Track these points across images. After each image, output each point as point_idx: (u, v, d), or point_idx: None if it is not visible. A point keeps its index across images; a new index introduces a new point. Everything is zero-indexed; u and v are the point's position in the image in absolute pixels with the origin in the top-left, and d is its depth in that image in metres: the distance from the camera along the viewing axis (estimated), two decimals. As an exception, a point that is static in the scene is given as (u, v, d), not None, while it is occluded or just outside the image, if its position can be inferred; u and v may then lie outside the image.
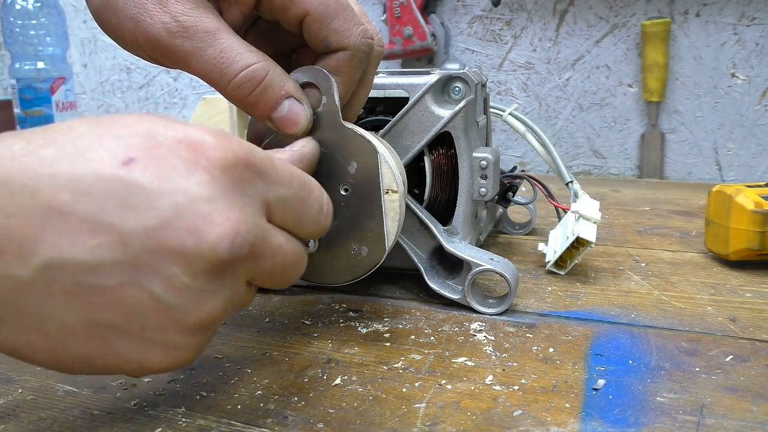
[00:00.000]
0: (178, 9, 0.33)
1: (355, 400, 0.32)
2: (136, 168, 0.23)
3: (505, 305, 0.43)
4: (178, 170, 0.24)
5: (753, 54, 0.90)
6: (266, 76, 0.34)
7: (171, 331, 0.24)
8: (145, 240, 0.23)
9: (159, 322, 0.24)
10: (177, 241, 0.23)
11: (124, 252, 0.22)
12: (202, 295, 0.24)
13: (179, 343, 0.25)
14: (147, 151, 0.24)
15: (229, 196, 0.25)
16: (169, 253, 0.23)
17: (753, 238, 0.49)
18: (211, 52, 0.33)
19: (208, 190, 0.24)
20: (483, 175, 0.45)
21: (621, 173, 1.00)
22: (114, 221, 0.22)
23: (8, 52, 0.93)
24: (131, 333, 0.24)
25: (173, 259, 0.23)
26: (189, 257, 0.23)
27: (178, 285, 0.23)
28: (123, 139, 0.24)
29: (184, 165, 0.24)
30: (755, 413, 0.31)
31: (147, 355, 0.24)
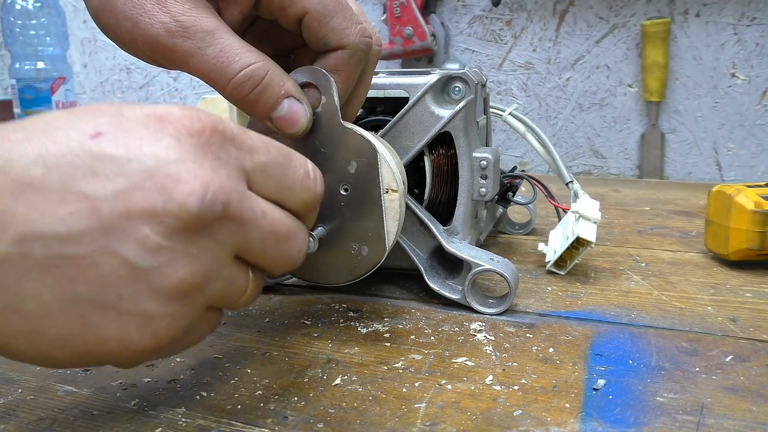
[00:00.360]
0: (177, 9, 0.33)
1: (355, 400, 0.32)
2: (103, 140, 0.23)
3: (505, 305, 0.43)
4: (146, 139, 0.24)
5: (753, 54, 0.90)
6: (266, 75, 0.34)
7: (147, 298, 0.24)
8: (114, 204, 0.23)
9: (134, 290, 0.23)
10: (146, 201, 0.23)
11: (94, 218, 0.23)
12: (175, 255, 0.24)
13: (156, 311, 0.24)
14: (114, 126, 0.24)
15: (198, 158, 0.25)
16: (139, 214, 0.23)
17: (753, 238, 0.49)
18: (211, 51, 0.33)
19: (175, 153, 0.24)
20: (483, 175, 0.45)
21: (621, 173, 1.00)
22: (83, 189, 0.23)
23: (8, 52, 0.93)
24: (108, 306, 0.23)
25: (143, 220, 0.23)
26: (159, 216, 0.23)
27: (150, 246, 0.23)
28: (91, 119, 0.24)
29: (151, 134, 0.24)
30: (755, 413, 0.31)
31: (126, 331, 0.24)
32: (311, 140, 0.38)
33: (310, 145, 0.38)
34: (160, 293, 0.24)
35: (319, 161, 0.38)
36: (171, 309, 0.24)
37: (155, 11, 0.32)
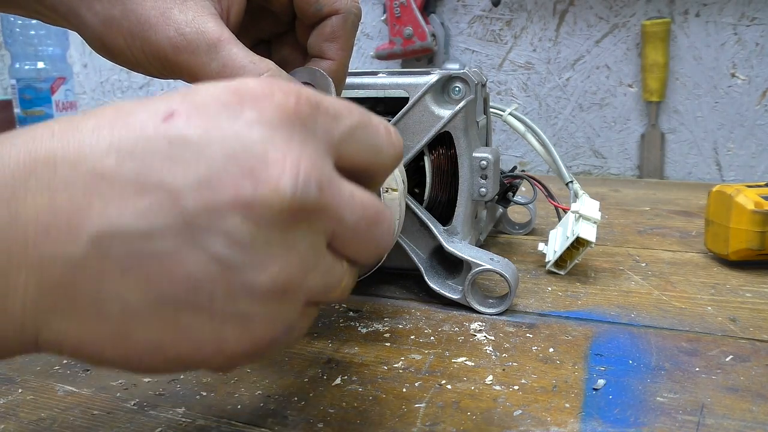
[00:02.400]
0: (181, 19, 0.32)
1: (355, 400, 0.32)
2: (178, 120, 0.21)
3: (505, 305, 0.43)
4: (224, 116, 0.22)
5: (753, 54, 0.90)
6: None
7: (242, 298, 0.21)
8: (197, 194, 0.20)
9: (227, 289, 0.21)
10: (233, 188, 0.20)
11: (176, 210, 0.20)
12: (270, 247, 0.21)
13: (254, 313, 0.21)
14: (188, 104, 0.22)
15: (285, 134, 0.22)
16: (226, 203, 0.20)
17: (753, 238, 0.49)
18: (215, 66, 0.32)
19: (258, 130, 0.21)
20: (483, 175, 0.45)
21: (621, 173, 1.00)
22: (162, 178, 0.20)
23: (8, 52, 0.93)
24: (199, 306, 0.21)
25: (231, 209, 0.20)
26: (248, 204, 0.20)
27: (240, 238, 0.20)
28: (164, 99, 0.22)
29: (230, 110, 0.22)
30: (755, 413, 0.31)
31: (222, 334, 0.21)
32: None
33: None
34: (256, 291, 0.21)
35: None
36: (269, 309, 0.22)
37: (161, 25, 0.32)
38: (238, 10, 0.35)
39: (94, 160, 0.20)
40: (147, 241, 0.20)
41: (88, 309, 0.20)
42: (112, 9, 0.32)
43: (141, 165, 0.20)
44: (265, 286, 0.21)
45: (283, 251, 0.21)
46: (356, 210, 0.24)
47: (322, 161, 0.23)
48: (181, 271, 0.20)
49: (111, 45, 0.34)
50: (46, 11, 0.35)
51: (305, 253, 0.22)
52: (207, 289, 0.21)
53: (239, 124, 0.21)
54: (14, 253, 0.19)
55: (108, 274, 0.20)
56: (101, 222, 0.20)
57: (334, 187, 0.23)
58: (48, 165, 0.20)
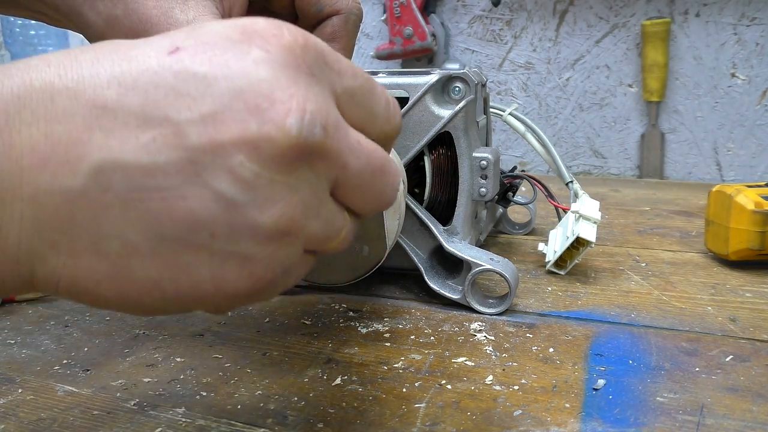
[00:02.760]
0: (182, 19, 0.32)
1: (355, 400, 0.32)
2: (184, 55, 0.21)
3: (505, 305, 0.43)
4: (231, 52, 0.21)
5: (753, 54, 0.90)
6: None
7: (243, 237, 0.21)
8: (202, 129, 0.20)
9: (229, 227, 0.21)
10: (238, 124, 0.20)
11: (180, 145, 0.20)
12: (274, 187, 0.21)
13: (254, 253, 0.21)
14: (194, 39, 0.21)
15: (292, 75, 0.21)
16: (231, 140, 0.20)
17: (753, 238, 0.49)
18: None
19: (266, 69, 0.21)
20: (483, 175, 0.45)
21: (621, 173, 1.00)
22: (166, 112, 0.20)
23: (8, 52, 0.93)
24: (200, 244, 0.21)
25: (236, 146, 0.20)
26: (254, 141, 0.20)
27: (244, 175, 0.20)
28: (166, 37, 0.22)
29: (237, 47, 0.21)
30: (755, 413, 0.31)
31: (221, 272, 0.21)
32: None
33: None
34: (258, 231, 0.21)
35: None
36: (270, 249, 0.22)
37: (162, 24, 0.32)
38: (239, 11, 0.35)
39: (94, 91, 0.20)
40: (149, 175, 0.20)
41: (86, 244, 0.20)
42: (115, 8, 0.32)
43: (144, 97, 0.20)
44: (266, 226, 0.21)
45: (285, 192, 0.21)
46: (362, 156, 0.23)
47: (328, 104, 0.22)
48: (182, 207, 0.20)
49: None
50: (49, 11, 0.35)
51: (308, 197, 0.22)
52: (208, 227, 0.20)
53: (246, 62, 0.21)
54: (8, 185, 0.19)
55: (108, 208, 0.20)
56: (102, 154, 0.19)
57: (340, 130, 0.22)
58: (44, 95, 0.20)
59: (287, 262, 0.23)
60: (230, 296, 0.22)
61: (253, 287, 0.22)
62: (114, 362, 0.37)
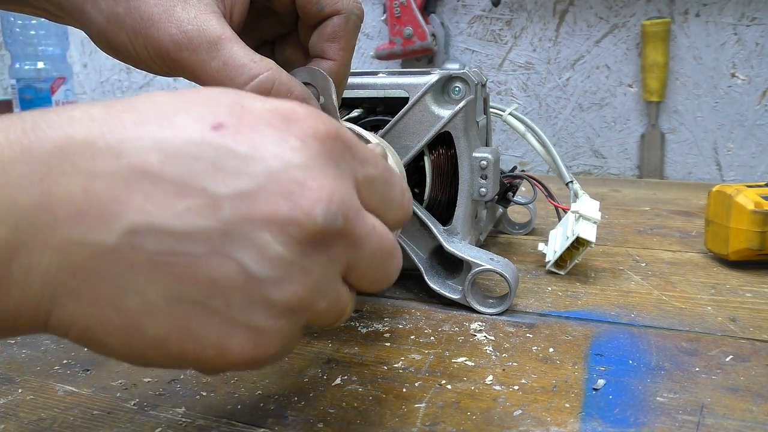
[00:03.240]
0: (183, 17, 0.32)
1: (355, 400, 0.32)
2: (226, 133, 0.22)
3: (505, 305, 0.43)
4: (270, 137, 0.23)
5: (753, 54, 0.90)
6: (272, 87, 0.33)
7: (257, 309, 0.22)
8: (236, 204, 0.21)
9: (245, 298, 0.22)
10: (270, 205, 0.21)
11: (214, 217, 0.21)
12: (293, 268, 0.22)
13: (264, 325, 0.22)
14: (236, 119, 0.23)
15: (322, 166, 0.23)
16: (262, 218, 0.21)
17: (753, 238, 0.49)
18: (215, 64, 0.32)
19: (301, 157, 0.22)
20: (483, 175, 0.45)
21: (621, 173, 1.00)
22: (204, 184, 0.21)
23: (8, 52, 0.93)
24: (214, 310, 0.22)
25: (266, 225, 0.21)
26: (282, 223, 0.21)
27: (269, 254, 0.21)
28: (210, 107, 0.23)
29: (276, 132, 0.23)
30: (755, 413, 0.31)
31: (228, 339, 0.22)
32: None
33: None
34: (272, 306, 0.22)
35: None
36: (278, 324, 0.23)
37: (163, 22, 0.32)
38: (241, 9, 0.35)
39: (137, 154, 0.21)
40: (181, 240, 0.21)
41: (106, 297, 0.21)
42: (116, 6, 0.33)
43: (185, 167, 0.21)
44: (279, 303, 0.22)
45: (302, 273, 0.22)
46: (374, 242, 0.25)
47: (350, 195, 0.24)
48: (206, 274, 0.21)
49: (115, 42, 0.34)
50: (52, 8, 0.35)
51: (320, 279, 0.23)
52: (226, 296, 0.22)
53: (284, 148, 0.22)
54: (41, 233, 0.20)
55: (135, 267, 0.20)
56: (139, 216, 0.20)
57: (359, 218, 0.24)
58: (87, 150, 0.20)
59: (288, 337, 0.24)
60: (229, 362, 0.23)
61: (252, 357, 0.23)
62: (114, 362, 0.37)
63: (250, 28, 0.38)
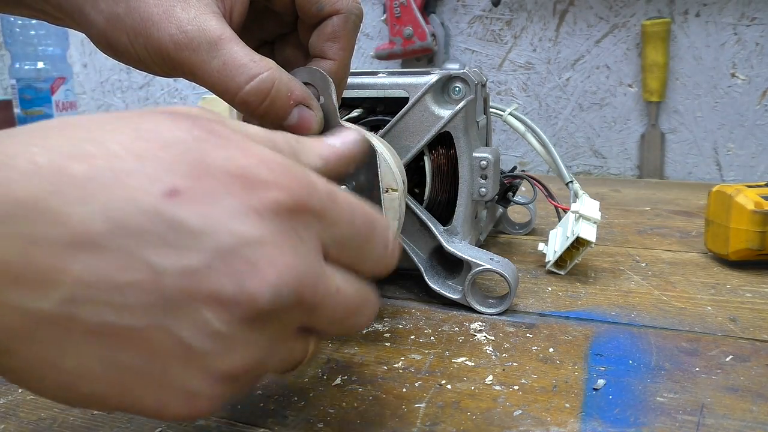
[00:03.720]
0: (183, 17, 0.32)
1: (355, 400, 0.32)
2: (180, 202, 0.21)
3: (505, 305, 0.43)
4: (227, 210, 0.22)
5: (753, 54, 0.90)
6: (272, 87, 0.33)
7: (195, 377, 0.22)
8: (180, 281, 0.21)
9: (183, 368, 0.22)
10: (215, 286, 0.21)
11: (156, 293, 0.21)
12: (234, 343, 0.22)
13: (202, 391, 0.22)
14: (194, 182, 0.21)
15: (280, 241, 0.22)
16: (205, 297, 0.21)
17: (753, 238, 0.49)
18: (215, 64, 0.32)
19: (257, 234, 0.22)
20: (483, 175, 0.45)
21: (621, 173, 1.00)
22: (149, 259, 0.20)
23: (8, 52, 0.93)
24: (151, 376, 0.22)
25: (208, 305, 0.21)
26: (225, 304, 0.21)
27: (208, 331, 0.21)
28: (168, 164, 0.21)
29: (234, 204, 0.22)
30: (755, 413, 0.31)
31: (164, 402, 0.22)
32: (311, 140, 0.38)
33: (310, 145, 0.38)
34: (210, 375, 0.22)
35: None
36: (218, 390, 0.23)
37: (163, 22, 0.32)
38: (241, 9, 0.35)
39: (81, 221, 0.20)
40: (119, 314, 0.20)
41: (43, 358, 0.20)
42: (116, 7, 0.33)
43: (131, 240, 0.20)
44: (219, 373, 0.22)
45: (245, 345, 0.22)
46: (337, 306, 0.25)
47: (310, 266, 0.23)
48: (145, 345, 0.21)
49: (115, 43, 0.34)
50: (52, 10, 0.35)
51: (267, 346, 0.23)
52: (164, 364, 0.21)
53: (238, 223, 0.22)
54: None
55: (72, 335, 0.20)
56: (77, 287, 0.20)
57: (318, 288, 0.24)
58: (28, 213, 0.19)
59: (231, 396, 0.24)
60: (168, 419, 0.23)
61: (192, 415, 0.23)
62: (114, 362, 0.37)
63: (250, 29, 0.38)
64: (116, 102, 1.33)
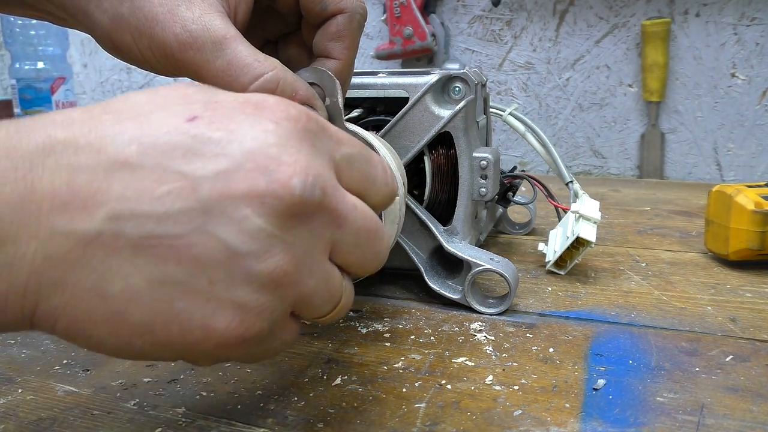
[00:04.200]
0: (188, 16, 0.32)
1: (355, 400, 0.32)
2: (201, 123, 0.23)
3: (505, 305, 0.43)
4: (244, 122, 0.24)
5: (753, 54, 0.90)
6: (277, 87, 0.33)
7: (240, 284, 0.23)
8: (214, 184, 0.22)
9: (228, 274, 0.22)
10: (248, 182, 0.22)
11: (193, 197, 0.22)
12: (274, 240, 0.23)
13: (248, 300, 0.23)
14: (210, 110, 0.24)
15: (297, 144, 0.24)
16: (241, 194, 0.22)
17: (753, 238, 0.49)
18: (219, 64, 0.32)
19: (275, 137, 0.23)
20: (483, 175, 0.45)
21: (621, 173, 1.00)
22: (182, 169, 0.22)
23: (8, 52, 0.93)
24: (197, 289, 0.22)
25: (244, 201, 0.22)
26: (261, 197, 0.22)
27: (248, 228, 0.22)
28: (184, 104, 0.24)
29: (250, 118, 0.24)
30: (755, 413, 0.31)
31: (213, 318, 0.23)
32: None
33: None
34: (254, 280, 0.23)
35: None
36: (262, 298, 0.23)
37: (167, 21, 0.32)
38: (245, 9, 0.35)
39: (116, 148, 0.22)
40: (161, 223, 0.21)
41: (90, 285, 0.21)
42: (121, 6, 0.33)
43: (163, 156, 0.22)
44: (262, 275, 0.23)
45: (284, 245, 0.23)
46: (358, 219, 0.26)
47: (327, 171, 0.25)
48: (188, 253, 0.22)
49: (119, 42, 0.34)
50: (56, 10, 0.35)
51: (302, 254, 0.24)
52: (209, 272, 0.22)
53: (257, 130, 0.23)
54: (26, 225, 0.20)
55: (118, 252, 0.21)
56: (119, 203, 0.21)
57: (338, 194, 0.25)
58: (68, 148, 0.21)
59: (275, 316, 0.24)
60: (217, 344, 0.23)
61: (240, 335, 0.23)
62: (114, 362, 0.37)
63: (254, 28, 0.38)
64: (116, 102, 1.33)
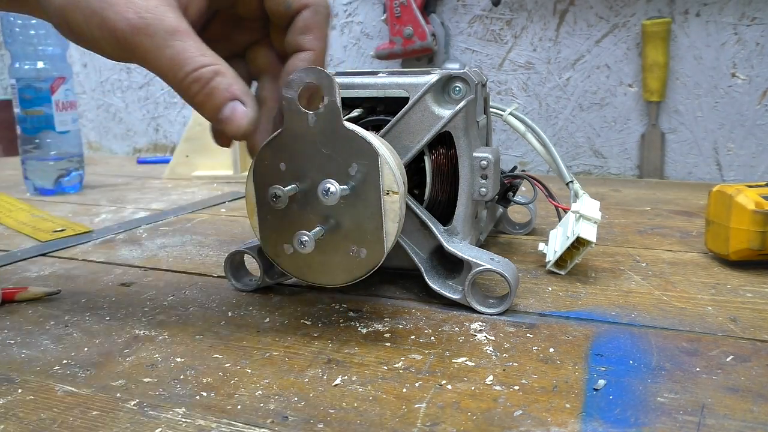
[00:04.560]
0: (142, 5, 0.33)
1: (355, 400, 0.32)
2: None
3: (506, 305, 0.43)
4: None
5: (753, 54, 0.90)
6: (213, 78, 0.34)
7: None
8: None
9: None
10: None
11: None
12: None
13: None
14: None
15: None
16: None
17: (753, 238, 0.49)
18: (168, 52, 0.34)
19: None
20: (483, 175, 0.45)
21: (621, 173, 1.00)
22: None
23: (8, 52, 0.93)
24: None
25: None
26: None
27: None
28: None
29: None
30: (756, 413, 0.31)
31: None
32: (312, 141, 0.38)
33: (311, 145, 0.38)
34: None
35: (319, 162, 0.38)
36: None
37: (121, 6, 0.33)
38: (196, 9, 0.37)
39: None
40: None
41: None
42: None
43: None
44: None
45: None
46: None
47: None
48: None
49: (72, 22, 0.35)
50: None
51: None
52: None
53: None
54: None
55: None
56: None
57: None
58: None
59: None
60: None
61: None
62: (114, 362, 0.37)
63: (219, 40, 0.40)
64: (116, 102, 1.33)
